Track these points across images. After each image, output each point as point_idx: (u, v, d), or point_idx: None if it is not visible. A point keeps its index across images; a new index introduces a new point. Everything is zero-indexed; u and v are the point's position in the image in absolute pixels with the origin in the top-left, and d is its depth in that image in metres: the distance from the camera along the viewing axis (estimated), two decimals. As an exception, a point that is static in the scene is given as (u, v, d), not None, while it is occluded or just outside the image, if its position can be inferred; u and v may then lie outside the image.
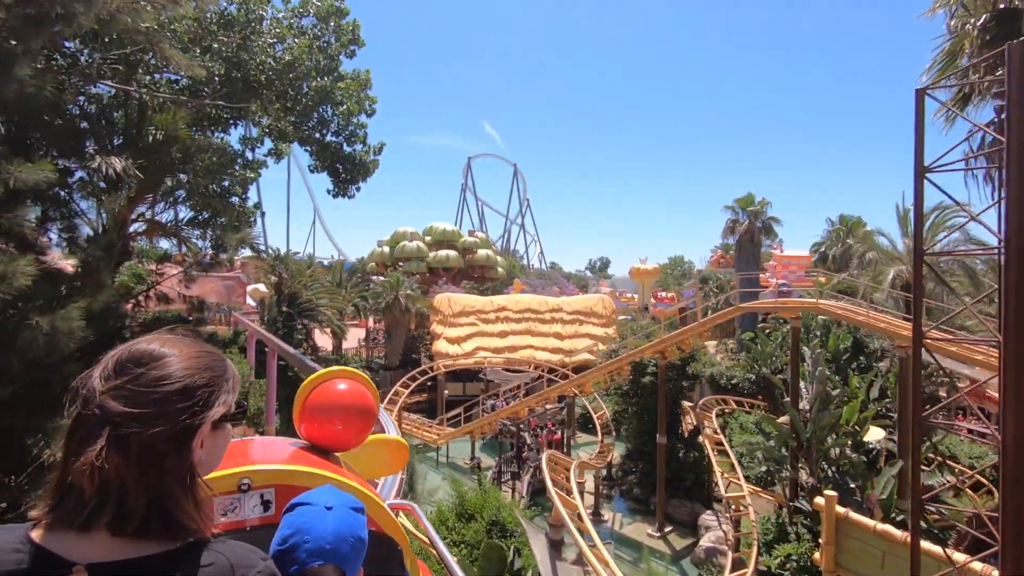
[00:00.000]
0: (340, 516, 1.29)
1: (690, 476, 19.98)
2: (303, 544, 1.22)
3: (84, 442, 0.92)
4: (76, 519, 0.92)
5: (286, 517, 1.30)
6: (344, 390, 2.03)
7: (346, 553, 1.25)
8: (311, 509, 1.29)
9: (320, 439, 1.96)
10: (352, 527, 1.29)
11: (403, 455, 2.51)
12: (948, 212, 19.23)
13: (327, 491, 1.38)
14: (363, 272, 47.86)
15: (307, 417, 1.98)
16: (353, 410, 2.01)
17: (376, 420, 2.19)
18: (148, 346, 1.03)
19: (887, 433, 16.03)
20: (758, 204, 33.14)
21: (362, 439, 2.07)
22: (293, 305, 28.97)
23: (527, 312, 37.99)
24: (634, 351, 18.58)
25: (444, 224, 56.51)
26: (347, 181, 13.13)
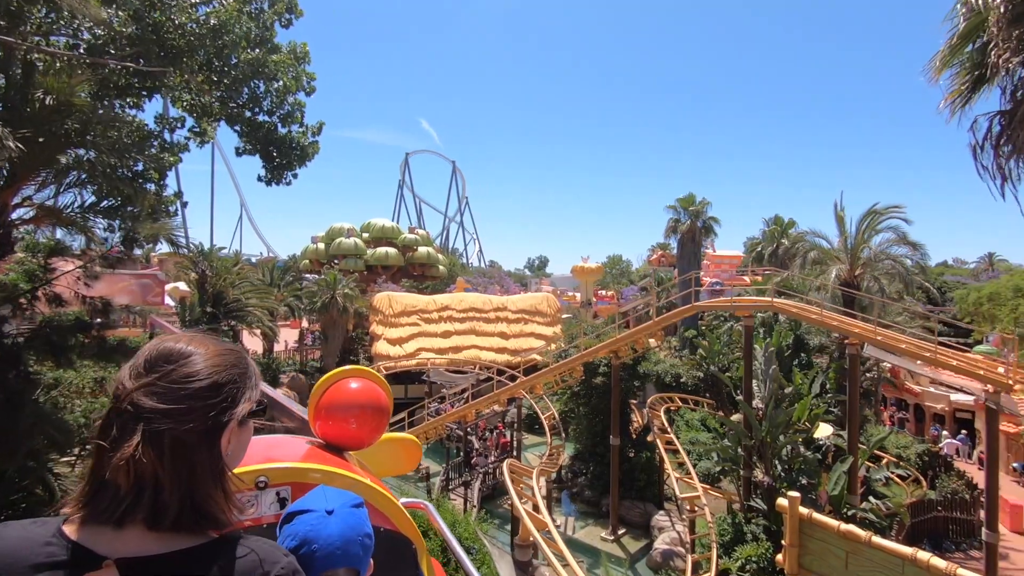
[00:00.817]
0: (343, 518, 1.25)
1: (642, 477, 19.77)
2: (313, 553, 1.18)
3: (119, 438, 0.95)
4: (111, 514, 0.95)
5: (286, 528, 1.25)
6: (358, 389, 2.04)
7: (357, 553, 1.23)
8: (312, 516, 1.25)
9: (334, 437, 1.96)
10: (357, 526, 1.26)
11: (416, 453, 2.51)
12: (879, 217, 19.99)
13: (322, 494, 1.33)
14: (296, 270, 45.26)
15: (322, 416, 1.99)
16: (367, 409, 2.01)
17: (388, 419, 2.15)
18: (176, 344, 1.05)
19: (834, 429, 16.33)
20: (699, 204, 33.76)
21: (376, 438, 2.07)
22: (218, 305, 26.64)
23: (471, 311, 37.03)
24: (588, 351, 18.11)
25: (383, 220, 54.52)
26: (282, 166, 11.74)
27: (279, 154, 11.69)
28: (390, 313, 35.26)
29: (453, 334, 35.57)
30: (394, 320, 35.13)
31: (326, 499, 1.32)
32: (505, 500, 21.72)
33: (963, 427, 28.61)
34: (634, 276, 75.75)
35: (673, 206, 34.33)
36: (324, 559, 1.20)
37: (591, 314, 47.23)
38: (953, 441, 26.39)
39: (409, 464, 2.55)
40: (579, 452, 23.43)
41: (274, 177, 11.85)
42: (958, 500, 18.04)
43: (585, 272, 47.69)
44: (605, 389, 20.96)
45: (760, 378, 15.35)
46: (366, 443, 2.03)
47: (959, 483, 19.30)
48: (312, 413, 2.03)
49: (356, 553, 1.25)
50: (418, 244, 53.48)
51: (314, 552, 1.20)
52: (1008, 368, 11.62)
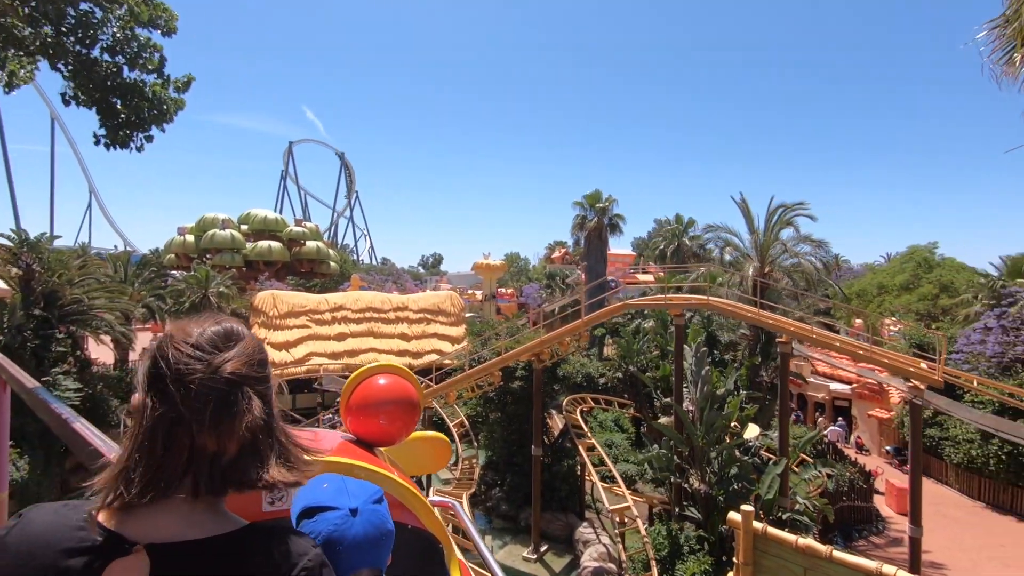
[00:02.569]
0: (368, 516, 1.19)
1: (564, 487, 18.59)
2: (338, 557, 1.12)
3: (219, 409, 0.97)
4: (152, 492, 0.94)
5: (308, 526, 1.16)
6: (387, 385, 2.01)
7: (380, 553, 1.20)
8: (336, 516, 1.17)
9: (365, 433, 1.93)
10: (381, 524, 1.21)
11: (446, 452, 2.47)
12: (787, 213, 20.47)
13: (343, 488, 1.23)
14: (159, 265, 39.19)
15: (352, 412, 1.97)
16: (397, 404, 1.97)
17: (419, 415, 2.05)
18: (224, 323, 1.09)
19: (761, 430, 16.15)
20: (605, 201, 33.59)
21: (406, 434, 2.02)
22: (51, 307, 21.66)
23: (368, 311, 34.08)
24: (510, 354, 16.56)
25: (265, 211, 49.25)
26: (130, 124, 8.82)
27: (126, 107, 8.75)
28: (275, 314, 31.36)
29: (349, 336, 32.44)
30: (280, 322, 31.29)
31: (348, 495, 1.22)
32: (414, 522, 19.57)
33: (839, 414, 30.98)
34: (532, 274, 75.90)
35: (580, 202, 33.89)
36: (348, 561, 1.14)
37: (494, 311, 45.93)
38: (835, 428, 28.26)
39: (439, 463, 2.51)
40: (492, 462, 21.83)
41: (116, 139, 8.85)
42: (857, 488, 18.81)
43: (488, 269, 46.22)
44: (522, 394, 19.55)
45: (690, 379, 14.69)
46: (396, 439, 1.99)
47: (853, 471, 20.25)
48: (344, 409, 2.00)
49: (379, 553, 1.19)
50: (306, 238, 48.95)
51: (339, 554, 1.13)
52: (933, 365, 11.77)
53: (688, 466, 13.95)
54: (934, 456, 24.04)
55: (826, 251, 19.10)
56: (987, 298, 24.00)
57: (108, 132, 8.83)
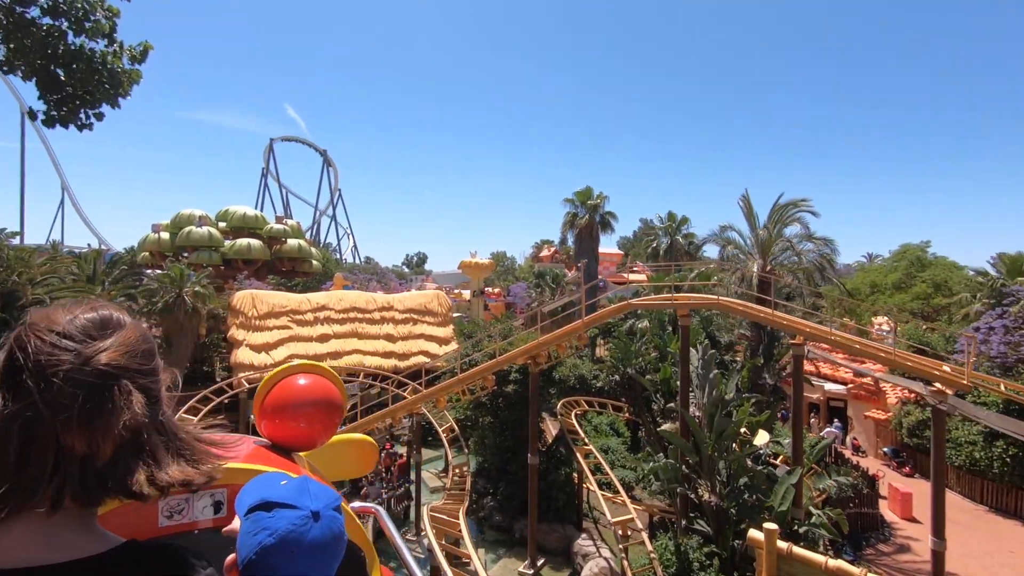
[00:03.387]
0: (327, 523, 1.11)
1: (561, 496, 17.66)
2: (291, 559, 1.04)
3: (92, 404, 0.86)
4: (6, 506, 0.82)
5: (263, 519, 1.07)
6: (308, 385, 1.92)
7: (332, 563, 1.12)
8: (296, 515, 1.08)
9: (282, 438, 1.83)
10: (338, 532, 1.14)
11: (371, 455, 2.39)
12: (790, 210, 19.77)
13: (306, 489, 1.15)
14: (132, 264, 37.47)
15: (267, 415, 1.85)
16: (318, 406, 1.88)
17: (342, 418, 1.98)
18: (101, 310, 1.00)
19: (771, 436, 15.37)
20: (596, 198, 32.78)
21: (327, 437, 1.93)
22: (10, 308, 20.17)
23: (352, 311, 32.82)
24: (505, 357, 15.57)
25: (244, 208, 47.58)
26: (76, 98, 7.69)
27: (71, 78, 7.61)
28: (254, 315, 29.97)
29: (332, 337, 31.16)
30: (259, 323, 29.90)
31: (311, 496, 1.14)
32: (404, 534, 18.49)
33: (835, 416, 30.51)
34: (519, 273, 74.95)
35: (571, 199, 33.02)
36: (301, 566, 1.05)
37: (482, 311, 44.90)
38: (832, 430, 27.73)
39: (364, 466, 2.42)
40: (484, 469, 20.83)
41: (61, 115, 7.71)
42: (863, 494, 18.16)
43: (475, 268, 45.13)
44: (516, 398, 18.59)
45: (697, 383, 13.85)
46: (317, 443, 1.89)
47: (856, 475, 19.62)
48: (257, 412, 1.89)
49: (330, 562, 1.12)
50: (287, 236, 47.40)
51: (292, 556, 1.05)
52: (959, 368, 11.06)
53: (696, 476, 13.09)
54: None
55: (831, 249, 18.42)
56: (987, 297, 23.59)
57: (51, 106, 7.68)
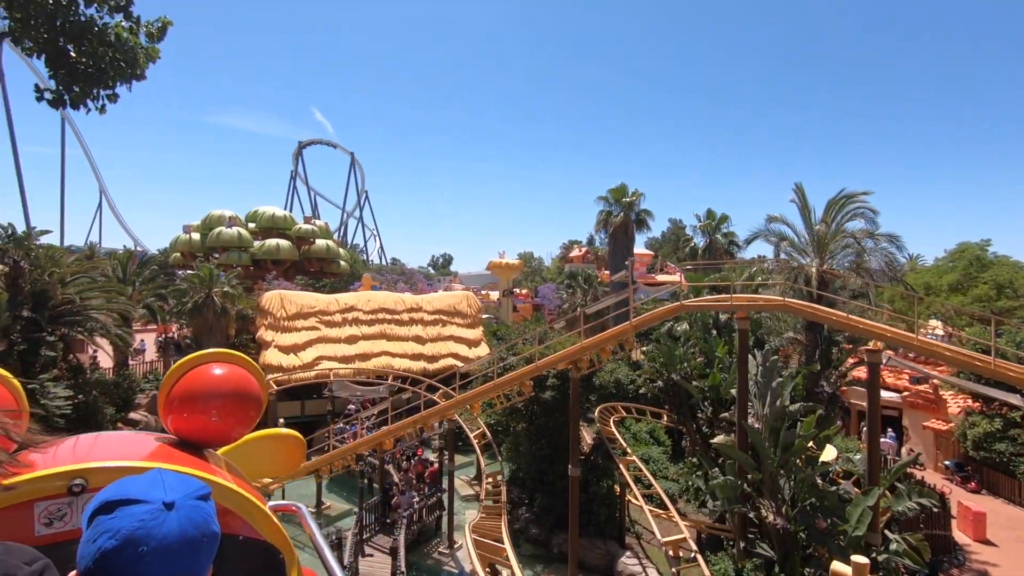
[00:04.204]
0: (186, 513, 0.99)
1: (602, 510, 16.57)
2: (139, 560, 0.92)
3: None
4: None
5: (104, 522, 0.95)
6: (223, 375, 1.78)
7: (198, 559, 0.99)
8: (144, 510, 0.97)
9: (191, 432, 1.69)
10: (202, 523, 1.01)
11: (298, 451, 2.27)
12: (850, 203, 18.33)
13: (159, 479, 1.05)
14: (163, 264, 37.62)
15: (174, 407, 1.71)
16: (232, 397, 1.75)
17: (262, 411, 1.83)
18: None
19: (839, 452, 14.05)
20: (632, 195, 31.52)
21: (243, 432, 1.81)
22: (41, 308, 19.98)
23: (381, 312, 32.22)
24: (545, 361, 14.60)
25: (273, 208, 47.63)
26: (87, 76, 6.98)
27: (85, 56, 6.90)
28: (282, 315, 29.59)
29: (360, 339, 30.59)
30: (287, 324, 29.51)
31: (164, 488, 1.02)
32: (436, 547, 17.67)
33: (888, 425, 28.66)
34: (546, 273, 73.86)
35: (604, 197, 31.86)
36: (152, 566, 0.93)
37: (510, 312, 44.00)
38: (886, 441, 25.97)
39: (290, 463, 2.29)
40: (518, 478, 19.86)
41: (72, 96, 7.01)
42: (934, 515, 16.62)
43: (504, 268, 44.31)
44: (553, 405, 17.59)
45: (756, 392, 12.64)
46: (231, 438, 1.78)
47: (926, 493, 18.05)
48: (163, 404, 1.74)
49: (196, 558, 0.99)
50: (315, 236, 47.26)
51: (141, 557, 0.92)
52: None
53: (757, 494, 11.90)
54: (1004, 473, 21.78)
55: (898, 246, 16.92)
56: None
57: (62, 84, 6.98)
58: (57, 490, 1.28)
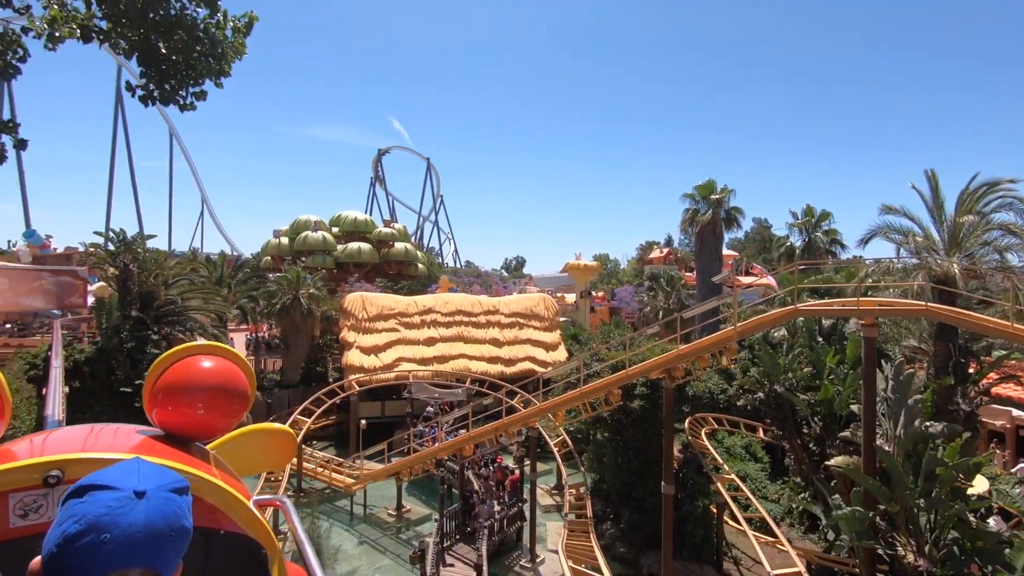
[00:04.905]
0: (157, 504, 0.98)
1: (698, 531, 15.26)
2: (100, 546, 0.90)
3: None
4: None
5: (73, 506, 0.95)
6: (210, 368, 1.77)
7: (164, 552, 0.96)
8: (112, 496, 0.95)
9: (177, 426, 1.68)
10: (172, 516, 0.99)
11: (288, 447, 2.26)
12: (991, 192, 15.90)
13: (135, 469, 1.03)
14: (256, 267, 39.64)
15: (160, 400, 1.70)
16: (219, 391, 1.74)
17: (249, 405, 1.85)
18: None
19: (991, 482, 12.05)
20: (720, 192, 29.56)
21: (230, 425, 1.83)
22: (147, 308, 21.24)
23: (458, 314, 32.16)
24: (636, 368, 13.57)
25: (355, 213, 49.14)
26: (177, 73, 6.82)
27: (174, 52, 6.73)
28: (364, 317, 30.15)
29: (438, 341, 30.64)
30: (369, 325, 30.03)
31: (139, 476, 1.01)
32: (518, 559, 17.01)
33: (1027, 446, 25.04)
34: (622, 275, 71.85)
35: (690, 194, 30.08)
36: (114, 555, 0.91)
37: (587, 314, 42.83)
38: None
39: (281, 459, 2.29)
40: (602, 490, 18.84)
41: (163, 93, 6.88)
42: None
43: (580, 270, 43.22)
44: (642, 416, 16.44)
45: (887, 410, 10.97)
46: (217, 432, 1.79)
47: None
48: (148, 396, 1.73)
49: (162, 550, 0.96)
50: (394, 239, 48.27)
51: (103, 544, 0.90)
52: None
53: (891, 529, 10.28)
54: None
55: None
56: None
57: (152, 82, 6.86)
58: (32, 481, 1.27)
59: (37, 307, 27.58)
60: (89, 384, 18.13)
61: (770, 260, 76.11)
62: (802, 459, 16.90)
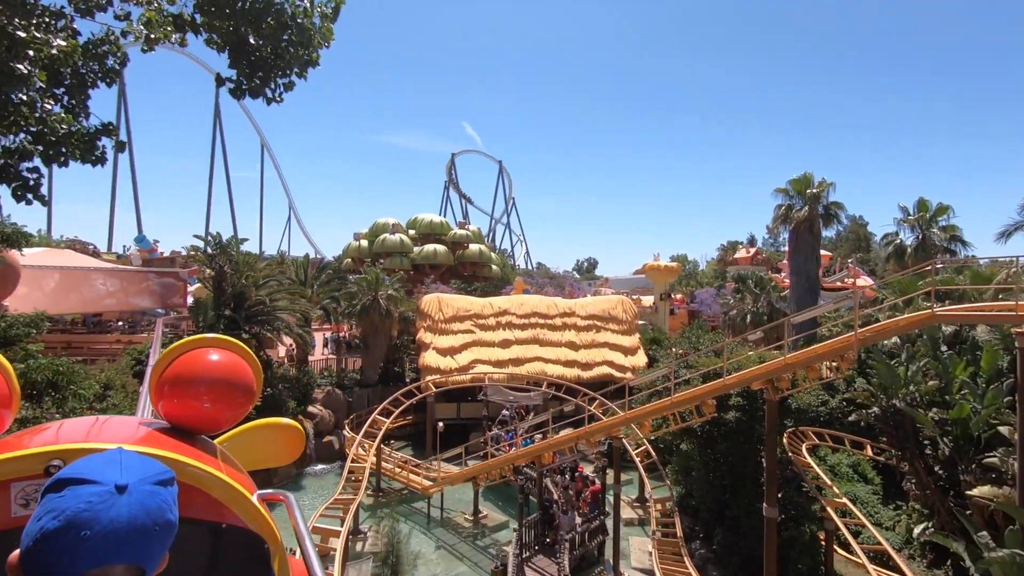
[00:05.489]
0: (140, 498, 0.93)
1: (804, 560, 13.76)
2: (80, 543, 0.87)
3: None
4: None
5: (51, 500, 0.91)
6: (216, 361, 1.76)
7: (149, 546, 0.93)
8: (93, 491, 0.92)
9: (181, 418, 1.67)
10: (156, 511, 0.95)
11: (297, 441, 2.25)
12: None
13: (116, 460, 0.99)
14: (337, 269, 40.99)
15: (166, 392, 1.68)
16: (224, 384, 1.73)
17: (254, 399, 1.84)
18: None
19: None
20: (818, 186, 27.21)
21: (234, 419, 1.80)
22: (239, 308, 22.17)
23: (533, 316, 31.62)
24: (735, 378, 12.36)
25: (431, 215, 49.88)
26: (266, 63, 6.63)
27: (260, 41, 6.55)
28: (440, 318, 30.25)
29: (513, 343, 30.22)
30: (445, 326, 30.09)
31: (121, 468, 0.96)
32: (600, 574, 16.14)
33: None
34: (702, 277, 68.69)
35: (783, 189, 27.91)
36: (95, 551, 0.87)
37: (667, 318, 41.00)
38: None
39: (289, 454, 2.26)
40: (688, 505, 17.61)
41: (252, 87, 6.71)
42: None
43: (660, 271, 41.44)
44: (738, 428, 15.12)
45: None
46: (222, 425, 1.77)
47: None
48: (155, 386, 1.71)
49: (145, 545, 0.92)
50: (469, 241, 48.54)
51: (83, 541, 0.87)
52: None
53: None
54: None
55: None
56: None
57: (242, 72, 6.71)
58: (34, 471, 1.26)
59: (144, 306, 29.60)
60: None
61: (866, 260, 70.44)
62: (926, 484, 14.90)
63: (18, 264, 17.77)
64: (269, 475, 23.15)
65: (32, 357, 12.04)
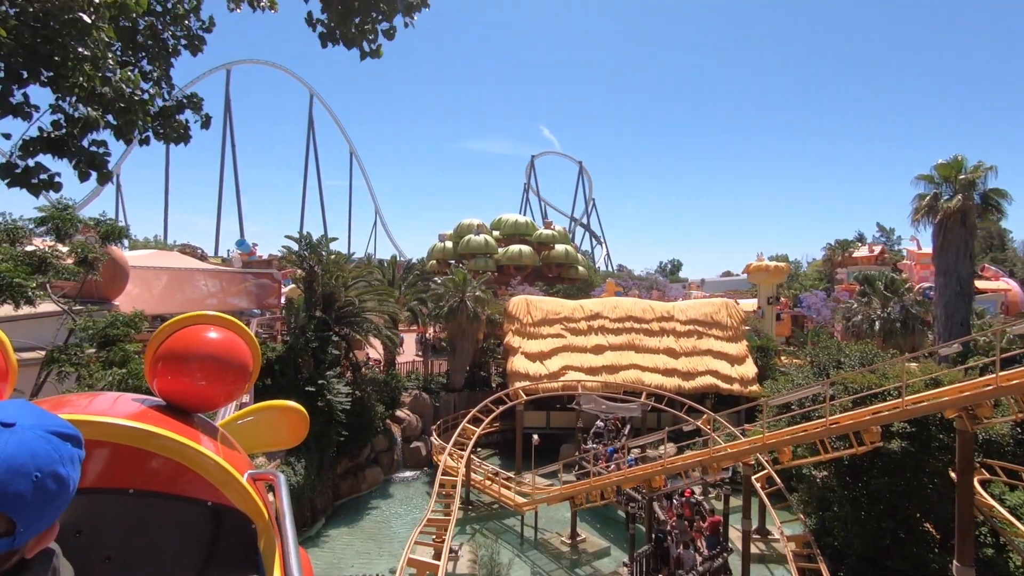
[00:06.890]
0: (25, 438, 0.86)
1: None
2: None
3: None
4: None
5: None
6: (212, 338, 1.69)
7: (21, 494, 0.82)
8: None
9: (175, 395, 1.61)
10: (43, 455, 0.86)
11: (300, 425, 2.15)
12: None
13: (15, 405, 0.92)
14: (422, 271, 40.76)
15: (159, 369, 1.62)
16: (220, 362, 1.65)
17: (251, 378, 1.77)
18: None
19: None
20: (971, 171, 23.23)
21: (230, 399, 1.73)
22: (329, 309, 21.81)
23: (628, 320, 29.45)
24: (919, 405, 9.85)
25: (515, 215, 48.84)
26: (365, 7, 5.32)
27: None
28: (528, 321, 28.80)
29: (607, 349, 28.21)
30: (533, 330, 28.60)
31: (18, 412, 0.88)
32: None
33: None
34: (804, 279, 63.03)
35: (927, 176, 24.10)
36: None
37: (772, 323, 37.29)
38: None
39: (292, 437, 2.17)
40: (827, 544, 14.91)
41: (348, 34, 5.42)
42: None
43: (765, 272, 37.74)
44: (903, 461, 12.41)
45: None
46: (218, 403, 1.70)
47: None
48: (149, 363, 1.65)
49: (21, 493, 0.82)
50: (554, 241, 46.94)
51: None
52: None
53: None
54: None
55: None
56: None
57: (331, 18, 5.47)
58: None
59: (242, 306, 30.36)
60: (278, 382, 18.71)
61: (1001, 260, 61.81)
62: None
63: (125, 262, 18.11)
64: (358, 482, 22.72)
65: (130, 359, 11.76)
